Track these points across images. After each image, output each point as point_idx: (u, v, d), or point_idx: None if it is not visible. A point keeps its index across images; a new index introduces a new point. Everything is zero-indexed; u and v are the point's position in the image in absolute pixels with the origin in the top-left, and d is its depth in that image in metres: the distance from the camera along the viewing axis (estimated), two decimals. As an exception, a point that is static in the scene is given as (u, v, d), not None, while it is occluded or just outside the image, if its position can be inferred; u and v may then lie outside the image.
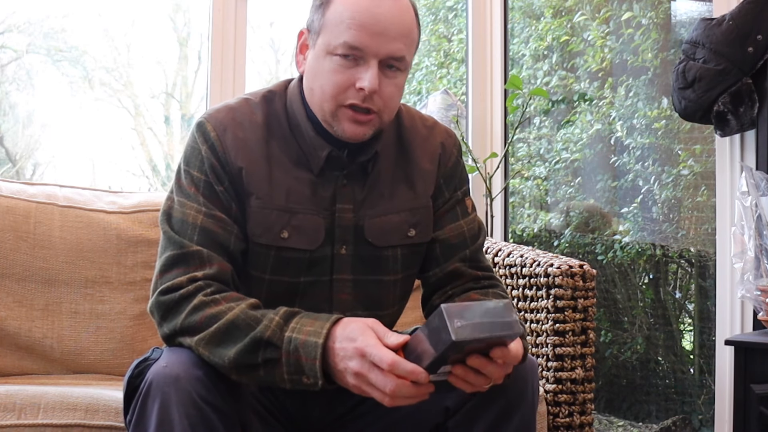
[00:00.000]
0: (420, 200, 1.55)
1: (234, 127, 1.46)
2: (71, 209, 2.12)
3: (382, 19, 1.40)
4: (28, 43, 3.23)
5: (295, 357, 1.28)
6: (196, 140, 1.47)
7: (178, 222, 1.43)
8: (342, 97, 1.42)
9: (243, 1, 2.71)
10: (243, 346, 1.29)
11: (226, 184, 1.45)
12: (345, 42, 1.40)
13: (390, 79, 1.44)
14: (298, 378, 1.28)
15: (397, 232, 1.52)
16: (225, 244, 1.42)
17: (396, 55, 1.42)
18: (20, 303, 2.01)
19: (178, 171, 1.48)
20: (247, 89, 2.72)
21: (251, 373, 1.31)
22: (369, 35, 1.40)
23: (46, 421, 1.55)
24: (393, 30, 1.41)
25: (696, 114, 2.45)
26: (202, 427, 1.27)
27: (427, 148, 1.58)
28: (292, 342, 1.28)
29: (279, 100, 1.52)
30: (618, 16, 3.39)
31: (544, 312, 1.98)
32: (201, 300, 1.35)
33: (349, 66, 1.41)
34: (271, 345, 1.29)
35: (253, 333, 1.30)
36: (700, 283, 3.23)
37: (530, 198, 3.73)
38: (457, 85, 3.88)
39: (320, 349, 1.26)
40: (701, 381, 3.15)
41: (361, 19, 1.40)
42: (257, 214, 1.45)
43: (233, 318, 1.32)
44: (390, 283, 1.54)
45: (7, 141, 3.33)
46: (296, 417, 1.56)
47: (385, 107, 1.44)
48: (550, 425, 1.94)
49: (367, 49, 1.40)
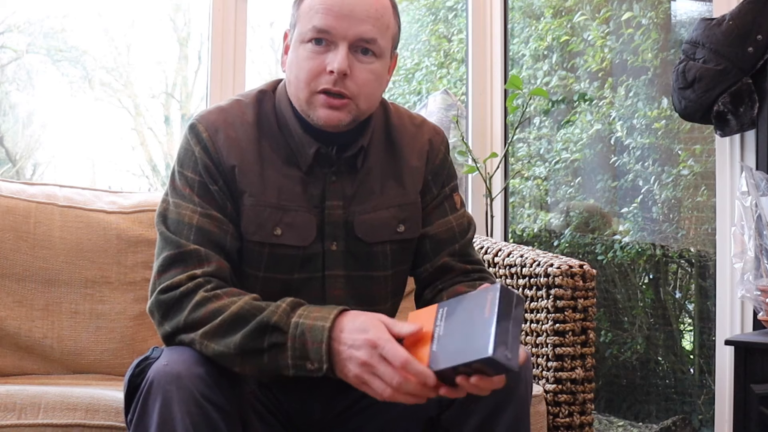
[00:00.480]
0: (409, 196, 1.57)
1: (225, 128, 1.48)
2: (71, 209, 2.12)
3: (349, 1, 1.44)
4: (28, 43, 3.23)
5: (301, 341, 1.29)
6: (189, 142, 1.49)
7: (174, 223, 1.44)
8: (314, 83, 1.44)
9: (243, 1, 2.71)
10: (249, 331, 1.31)
11: (220, 184, 1.46)
12: (314, 26, 1.43)
13: (363, 64, 1.45)
14: (302, 363, 1.29)
15: (387, 228, 1.54)
16: (221, 242, 1.44)
17: (365, 37, 1.44)
18: (20, 303, 2.01)
19: (172, 173, 1.50)
20: (246, 89, 2.72)
21: (256, 359, 1.31)
22: (335, 17, 1.43)
23: (47, 421, 1.55)
24: (360, 11, 1.44)
25: (696, 114, 2.45)
26: (203, 425, 1.27)
27: (415, 145, 1.59)
28: (299, 327, 1.30)
29: (269, 100, 1.55)
30: (618, 16, 3.39)
31: (544, 312, 1.98)
32: (203, 296, 1.36)
33: (320, 52, 1.44)
34: (278, 330, 1.30)
35: (260, 317, 1.31)
36: (700, 283, 3.23)
37: (530, 198, 3.73)
38: (457, 85, 3.89)
39: (327, 332, 1.28)
40: (701, 381, 3.15)
41: (328, 3, 1.44)
42: (250, 212, 1.47)
43: (238, 309, 1.33)
44: (381, 279, 1.56)
45: (7, 141, 3.33)
46: (295, 415, 1.57)
47: (360, 92, 1.45)
48: (550, 425, 1.94)
49: (335, 31, 1.43)
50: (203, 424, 1.27)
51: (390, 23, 1.49)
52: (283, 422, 1.55)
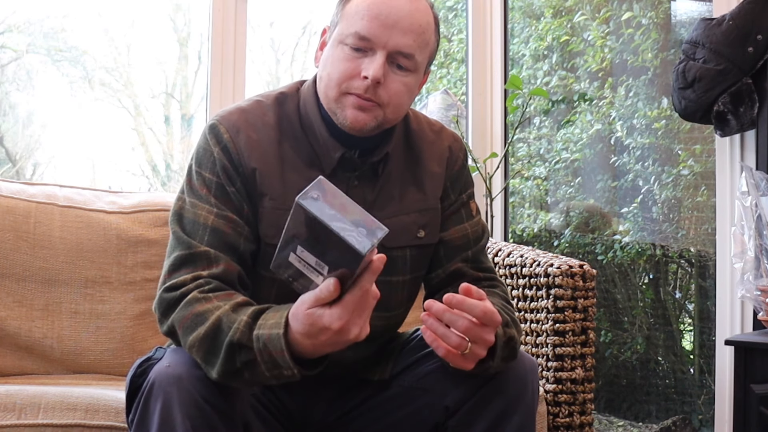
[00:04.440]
0: (429, 201, 1.56)
1: (247, 129, 1.47)
2: (71, 209, 2.12)
3: (395, 12, 1.43)
4: (28, 43, 3.23)
5: (267, 353, 1.26)
6: (208, 142, 1.47)
7: (190, 222, 1.43)
8: (346, 84, 1.43)
9: (243, 1, 2.71)
10: (223, 355, 1.28)
11: (238, 185, 1.45)
12: (356, 32, 1.43)
13: (398, 76, 1.45)
14: (278, 372, 1.27)
15: (407, 232, 1.53)
16: (234, 245, 1.43)
17: (404, 51, 1.43)
18: (20, 303, 2.01)
19: (189, 172, 1.48)
20: (247, 89, 2.73)
21: (237, 379, 1.30)
22: (379, 26, 1.42)
23: (47, 421, 1.55)
24: (404, 24, 1.43)
25: (696, 114, 2.45)
26: (204, 427, 1.27)
27: (435, 151, 1.59)
28: (260, 339, 1.27)
29: (291, 101, 1.53)
30: (618, 16, 3.39)
31: (544, 312, 1.98)
32: (194, 296, 1.35)
33: (357, 57, 1.43)
34: (244, 347, 1.27)
35: (227, 339, 1.28)
36: (700, 283, 3.23)
37: (530, 198, 3.73)
38: (457, 85, 3.88)
39: (283, 339, 1.25)
40: (701, 381, 3.15)
41: (374, 10, 1.43)
42: (270, 215, 1.45)
43: (216, 320, 1.31)
44: (398, 284, 1.55)
45: (7, 141, 3.33)
46: (297, 417, 1.56)
47: (390, 102, 1.45)
48: (550, 425, 1.95)
49: (376, 39, 1.42)
50: (204, 426, 1.27)
51: (430, 40, 1.49)
52: (284, 424, 1.55)
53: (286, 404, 1.55)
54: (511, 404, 1.41)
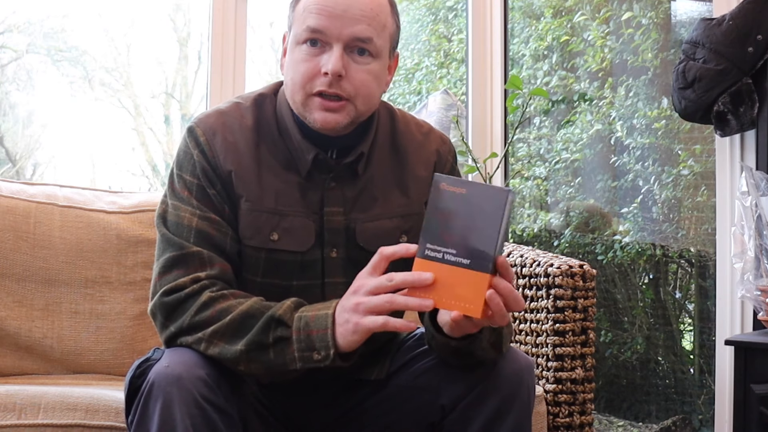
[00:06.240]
0: (413, 206, 1.55)
1: (224, 131, 1.48)
2: (71, 209, 2.12)
3: (343, 0, 1.42)
4: (28, 43, 3.23)
5: (306, 332, 1.31)
6: (187, 145, 1.48)
7: (174, 225, 1.44)
8: (309, 85, 1.43)
9: (243, 1, 2.71)
10: (258, 327, 1.32)
11: (218, 187, 1.46)
12: (307, 26, 1.42)
13: (360, 65, 1.44)
14: (308, 355, 1.31)
15: (389, 237, 1.52)
16: (221, 245, 1.43)
17: (360, 36, 1.42)
18: (20, 303, 2.01)
19: (171, 175, 1.49)
20: (247, 89, 2.72)
21: (262, 356, 1.32)
22: (329, 17, 1.42)
23: (47, 421, 1.55)
24: (354, 11, 1.42)
25: (696, 114, 2.45)
26: (204, 427, 1.27)
27: (422, 154, 1.58)
28: (303, 319, 1.32)
29: (269, 104, 1.53)
30: (618, 16, 3.38)
31: (544, 312, 1.98)
32: (209, 296, 1.36)
33: (315, 54, 1.43)
34: (282, 323, 1.32)
35: (269, 313, 1.34)
36: (700, 283, 3.23)
37: (530, 198, 3.73)
38: (457, 85, 3.88)
39: (330, 318, 1.31)
40: (701, 381, 3.14)
41: (321, 4, 1.42)
42: (247, 217, 1.46)
43: (247, 309, 1.35)
44: None
45: (7, 141, 3.33)
46: (296, 417, 1.56)
47: (357, 93, 1.44)
48: (550, 425, 1.95)
49: (329, 31, 1.42)
50: (204, 426, 1.27)
51: (387, 22, 1.47)
52: (284, 424, 1.55)
53: (286, 404, 1.55)
54: (507, 402, 1.40)
